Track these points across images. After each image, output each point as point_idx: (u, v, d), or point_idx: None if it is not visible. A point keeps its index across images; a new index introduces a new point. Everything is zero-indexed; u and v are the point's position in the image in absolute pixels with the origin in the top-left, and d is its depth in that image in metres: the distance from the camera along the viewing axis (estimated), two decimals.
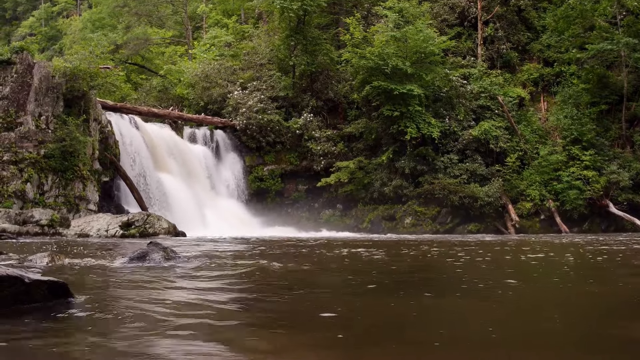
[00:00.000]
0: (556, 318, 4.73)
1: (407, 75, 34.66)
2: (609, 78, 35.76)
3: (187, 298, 5.48)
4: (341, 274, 9.04)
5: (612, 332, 4.16)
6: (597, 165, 33.47)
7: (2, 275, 4.48)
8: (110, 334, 3.86)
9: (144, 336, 3.78)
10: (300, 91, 39.64)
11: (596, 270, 9.65)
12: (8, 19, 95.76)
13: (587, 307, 5.60)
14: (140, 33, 52.77)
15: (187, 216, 30.75)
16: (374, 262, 10.92)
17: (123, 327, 4.10)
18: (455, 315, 4.96)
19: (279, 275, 8.31)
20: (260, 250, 14.07)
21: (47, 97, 28.29)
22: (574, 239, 20.59)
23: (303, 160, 37.89)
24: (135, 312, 4.66)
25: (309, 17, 39.04)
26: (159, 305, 5.00)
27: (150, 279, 7.23)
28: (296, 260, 10.97)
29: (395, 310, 5.17)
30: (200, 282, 6.97)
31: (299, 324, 4.48)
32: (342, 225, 35.74)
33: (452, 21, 41.45)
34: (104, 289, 6.03)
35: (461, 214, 33.92)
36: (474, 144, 35.37)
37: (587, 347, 3.84)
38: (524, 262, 11.07)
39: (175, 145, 35.31)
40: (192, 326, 4.13)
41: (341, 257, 12.03)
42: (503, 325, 4.48)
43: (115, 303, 5.10)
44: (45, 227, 23.22)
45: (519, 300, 5.95)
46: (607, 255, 12.34)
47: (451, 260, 11.14)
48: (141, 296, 5.53)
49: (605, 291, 6.74)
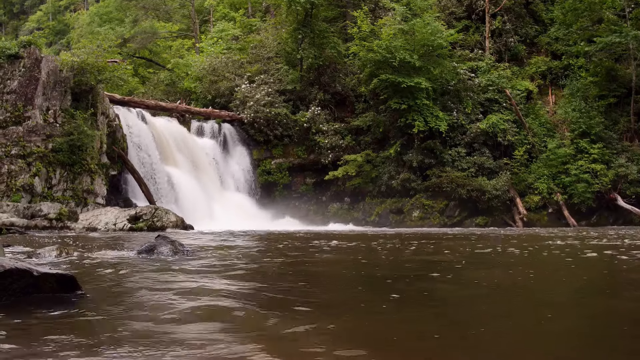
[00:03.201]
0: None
1: (415, 69, 34.60)
2: (618, 71, 35.63)
3: (195, 289, 5.48)
4: (353, 267, 9.02)
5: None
6: (605, 159, 33.38)
7: (11, 268, 4.49)
8: (119, 325, 3.87)
9: (152, 327, 3.78)
10: (308, 84, 39.61)
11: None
12: (16, 13, 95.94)
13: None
14: (147, 27, 52.83)
15: (195, 209, 30.79)
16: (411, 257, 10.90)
17: (131, 318, 4.10)
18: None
19: (287, 267, 8.31)
20: (268, 243, 14.07)
21: (54, 91, 28.32)
22: (599, 238, 20.05)
23: (311, 153, 37.89)
24: (144, 304, 4.67)
25: (316, 10, 38.99)
26: (167, 297, 5.01)
27: (158, 271, 7.24)
28: (302, 253, 10.97)
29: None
30: (208, 274, 6.96)
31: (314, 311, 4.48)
32: (349, 218, 35.75)
33: (460, 14, 41.39)
34: (112, 282, 6.04)
35: (469, 207, 33.90)
36: (481, 137, 35.32)
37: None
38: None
39: (183, 138, 35.34)
40: (202, 319, 4.13)
41: (354, 251, 12.01)
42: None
43: (124, 295, 5.11)
44: (54, 221, 23.27)
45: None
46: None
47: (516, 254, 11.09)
48: (149, 289, 5.53)
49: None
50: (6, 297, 4.49)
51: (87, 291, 5.07)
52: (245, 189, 37.24)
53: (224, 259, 9.32)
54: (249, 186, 37.48)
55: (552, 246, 13.10)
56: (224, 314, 4.33)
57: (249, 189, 37.41)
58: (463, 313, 4.76)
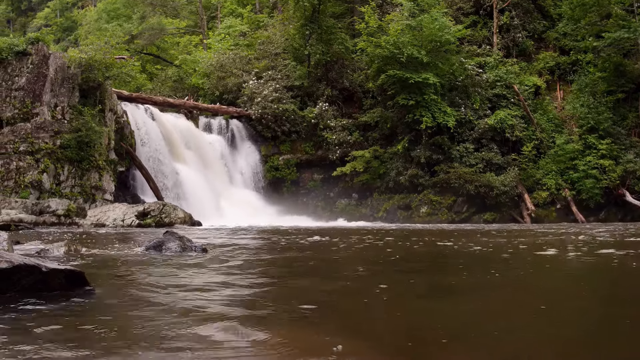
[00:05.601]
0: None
1: (423, 64, 34.55)
2: (626, 66, 35.48)
3: (204, 286, 5.48)
4: (361, 262, 9.02)
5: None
6: (613, 154, 33.30)
7: (20, 264, 4.49)
8: (128, 321, 3.87)
9: (161, 322, 3.78)
10: (316, 80, 39.60)
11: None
12: (23, 10, 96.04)
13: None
14: (155, 23, 52.85)
15: (203, 206, 30.84)
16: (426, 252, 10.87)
17: (141, 314, 4.10)
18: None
19: (296, 262, 8.31)
20: (276, 239, 14.08)
21: (62, 87, 28.39)
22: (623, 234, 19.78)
23: (318, 149, 37.90)
24: (152, 300, 4.67)
25: (323, 6, 38.96)
26: (175, 293, 5.01)
27: (166, 267, 7.25)
28: (311, 248, 10.96)
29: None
30: (216, 270, 6.97)
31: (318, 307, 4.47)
32: (357, 214, 35.73)
33: (468, 9, 41.30)
34: (120, 278, 6.05)
35: (477, 203, 33.85)
36: (489, 132, 35.27)
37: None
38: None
39: (191, 135, 35.40)
40: (210, 313, 4.13)
41: (363, 246, 12.00)
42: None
43: (132, 291, 5.11)
44: (62, 217, 23.35)
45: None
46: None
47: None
48: (157, 285, 5.54)
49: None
50: (15, 293, 4.49)
51: (96, 287, 5.08)
52: (253, 185, 37.27)
53: (233, 254, 9.33)
54: (256, 182, 37.51)
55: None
56: (234, 311, 4.32)
57: (256, 185, 37.44)
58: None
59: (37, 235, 14.87)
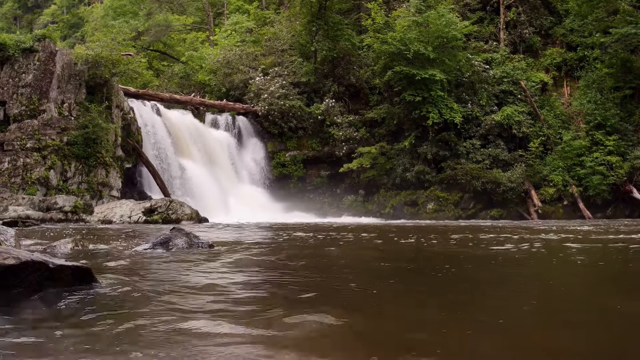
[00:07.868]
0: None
1: (429, 60, 34.52)
2: (633, 62, 35.37)
3: (210, 282, 5.48)
4: (369, 258, 9.01)
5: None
6: (620, 151, 33.24)
7: (27, 260, 4.50)
8: (136, 318, 3.87)
9: (169, 321, 3.79)
10: (322, 77, 39.61)
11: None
12: (30, 7, 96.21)
13: None
14: (161, 20, 52.89)
15: (210, 202, 30.85)
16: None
17: (148, 310, 4.11)
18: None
19: (306, 259, 8.30)
20: (283, 235, 14.07)
21: (69, 84, 28.44)
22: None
23: (325, 146, 37.93)
24: (159, 297, 4.67)
25: (330, 2, 38.97)
26: (183, 289, 5.01)
27: (172, 264, 7.25)
28: (319, 245, 10.95)
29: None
30: (224, 267, 6.97)
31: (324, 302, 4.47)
32: (364, 211, 35.73)
33: (474, 5, 41.23)
34: (127, 274, 6.05)
35: (483, 200, 33.82)
36: (496, 129, 35.24)
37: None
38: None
39: (198, 131, 35.43)
40: (218, 309, 4.13)
41: (371, 243, 12.00)
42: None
43: (140, 287, 5.11)
44: (69, 214, 23.37)
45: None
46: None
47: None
48: (164, 281, 5.54)
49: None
50: (23, 289, 4.50)
51: (103, 283, 5.09)
52: (259, 182, 37.30)
53: (240, 251, 9.33)
54: (263, 179, 37.54)
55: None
56: (241, 308, 4.32)
57: (263, 182, 37.48)
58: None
59: (44, 232, 14.90)
